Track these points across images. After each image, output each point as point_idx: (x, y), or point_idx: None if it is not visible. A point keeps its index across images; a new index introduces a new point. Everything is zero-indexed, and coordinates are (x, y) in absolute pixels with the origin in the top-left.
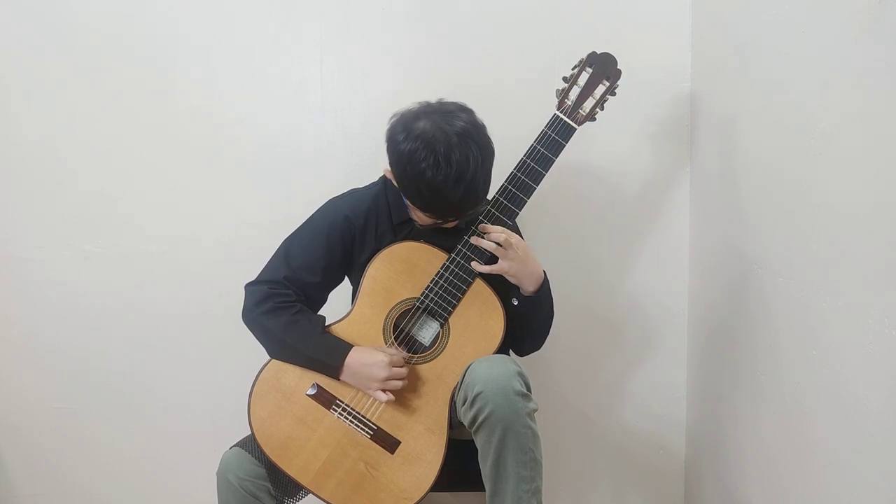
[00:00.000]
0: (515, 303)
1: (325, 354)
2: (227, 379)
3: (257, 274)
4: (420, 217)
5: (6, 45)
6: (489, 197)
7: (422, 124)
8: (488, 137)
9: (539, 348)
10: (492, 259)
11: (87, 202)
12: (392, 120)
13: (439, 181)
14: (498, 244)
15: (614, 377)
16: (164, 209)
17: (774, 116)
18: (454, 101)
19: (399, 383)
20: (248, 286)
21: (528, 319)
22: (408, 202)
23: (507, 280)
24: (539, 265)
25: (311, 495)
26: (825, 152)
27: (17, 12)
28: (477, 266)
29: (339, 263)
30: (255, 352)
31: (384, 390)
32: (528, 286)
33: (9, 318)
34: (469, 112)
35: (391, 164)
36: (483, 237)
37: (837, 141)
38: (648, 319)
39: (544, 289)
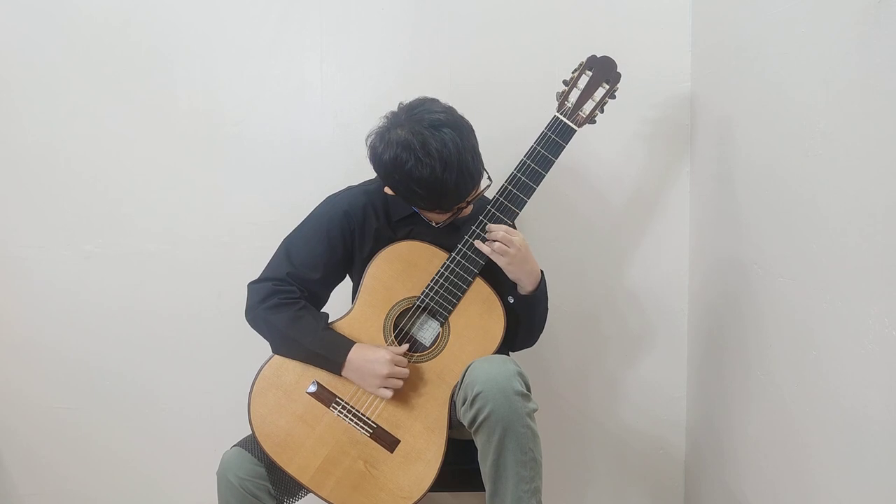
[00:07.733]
0: (511, 301)
1: (328, 350)
2: (226, 379)
3: (258, 274)
4: (433, 217)
5: (7, 43)
6: (490, 198)
7: (395, 132)
8: (460, 116)
9: (531, 345)
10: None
11: (87, 202)
12: (369, 139)
13: (427, 174)
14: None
15: (614, 377)
16: (165, 209)
17: (774, 117)
18: (417, 97)
19: (400, 382)
20: (251, 284)
21: (523, 318)
22: (416, 209)
23: (505, 280)
24: (537, 265)
25: (310, 495)
26: (825, 153)
27: (18, 10)
28: (480, 245)
29: (341, 259)
30: (255, 352)
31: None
32: (528, 285)
33: (8, 318)
34: (433, 101)
35: (384, 180)
36: (485, 238)
37: (837, 141)
38: (648, 320)
39: (541, 288)
